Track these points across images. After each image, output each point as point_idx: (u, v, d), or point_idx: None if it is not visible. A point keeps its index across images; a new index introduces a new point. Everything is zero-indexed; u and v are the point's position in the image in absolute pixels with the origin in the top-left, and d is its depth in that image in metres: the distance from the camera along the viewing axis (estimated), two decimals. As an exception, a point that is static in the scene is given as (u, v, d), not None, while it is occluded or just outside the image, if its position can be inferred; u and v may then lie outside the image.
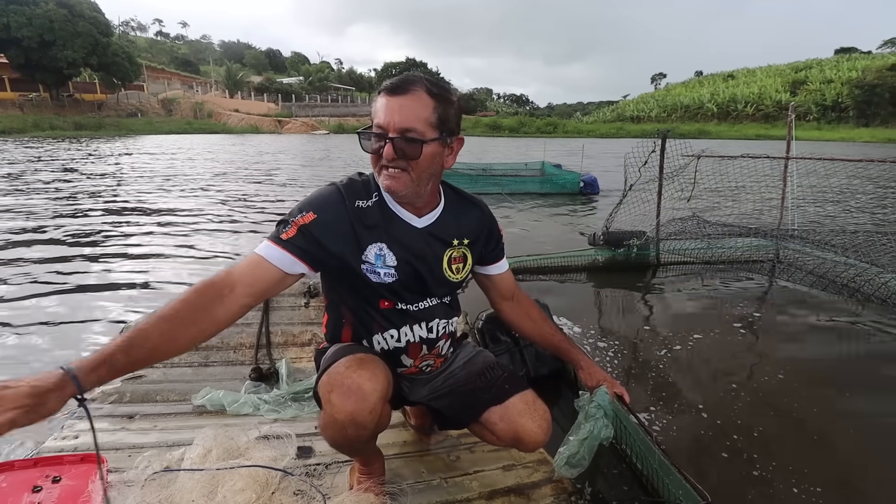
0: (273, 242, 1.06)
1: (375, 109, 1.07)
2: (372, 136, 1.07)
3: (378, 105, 1.06)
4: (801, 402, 2.19)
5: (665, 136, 4.08)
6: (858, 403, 2.23)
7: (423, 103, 1.05)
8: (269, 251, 1.06)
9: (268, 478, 1.34)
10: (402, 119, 1.03)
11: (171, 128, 41.28)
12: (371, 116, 1.10)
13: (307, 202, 1.11)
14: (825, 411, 2.13)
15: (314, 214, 1.08)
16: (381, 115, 1.05)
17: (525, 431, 1.25)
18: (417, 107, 1.04)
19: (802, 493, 1.62)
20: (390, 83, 1.06)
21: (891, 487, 1.70)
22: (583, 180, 9.48)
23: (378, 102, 1.07)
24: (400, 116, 1.03)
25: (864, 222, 5.89)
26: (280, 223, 1.09)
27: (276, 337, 2.32)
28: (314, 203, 1.11)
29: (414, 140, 1.04)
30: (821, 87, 66.73)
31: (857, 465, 1.81)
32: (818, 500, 1.60)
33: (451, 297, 1.32)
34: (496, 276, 1.39)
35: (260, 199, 8.42)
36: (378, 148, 1.06)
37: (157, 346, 0.94)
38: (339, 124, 50.76)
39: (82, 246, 4.94)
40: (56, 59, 36.47)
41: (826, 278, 3.73)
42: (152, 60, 72.37)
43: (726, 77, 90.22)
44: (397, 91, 1.04)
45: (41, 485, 1.31)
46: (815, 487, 1.65)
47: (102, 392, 1.88)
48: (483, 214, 1.31)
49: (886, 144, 38.27)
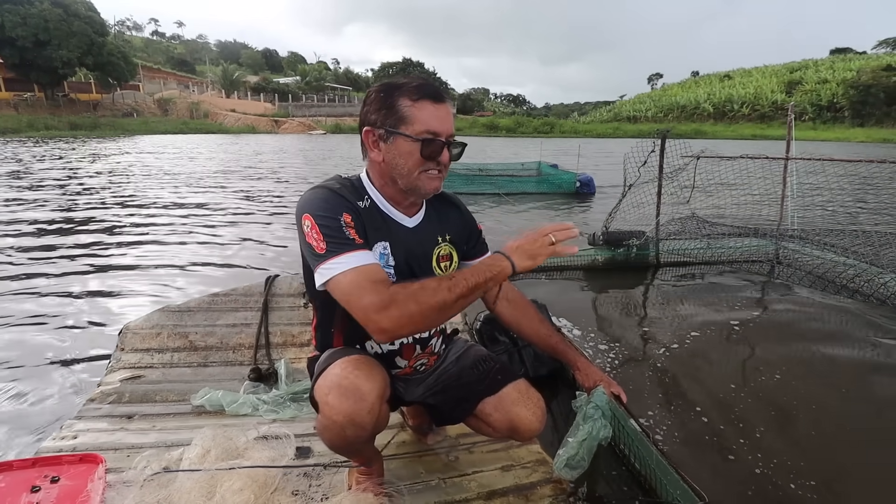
0: (352, 252, 1.05)
1: (419, 116, 1.09)
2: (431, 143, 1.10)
3: (425, 112, 1.09)
4: (799, 403, 2.20)
5: (665, 136, 4.09)
6: (857, 403, 2.24)
7: (450, 109, 1.16)
8: (360, 259, 1.05)
9: (266, 478, 1.34)
10: (451, 126, 1.13)
11: (167, 128, 41.16)
12: (402, 119, 1.09)
13: (320, 206, 1.09)
14: (823, 411, 2.14)
15: (347, 214, 1.09)
16: (434, 123, 1.10)
17: (520, 419, 1.26)
18: (451, 112, 1.15)
19: (800, 492, 1.63)
20: (430, 91, 1.11)
21: (887, 486, 1.71)
22: (579, 180, 9.50)
23: (421, 109, 1.09)
24: (450, 123, 1.13)
25: (863, 221, 5.93)
26: (329, 238, 1.05)
27: (275, 337, 2.32)
28: (328, 204, 1.09)
29: (457, 144, 1.16)
30: (816, 88, 67.12)
31: (854, 464, 1.81)
32: (816, 498, 1.61)
33: None
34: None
35: (266, 194, 8.42)
36: (433, 153, 1.11)
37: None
38: (335, 124, 50.71)
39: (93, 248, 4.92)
40: (51, 58, 36.35)
41: (825, 278, 3.74)
42: (148, 60, 72.14)
43: (723, 77, 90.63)
44: (441, 99, 1.12)
45: (39, 485, 1.31)
46: (813, 486, 1.65)
47: (101, 392, 1.88)
48: (461, 212, 1.36)
49: (882, 144, 38.49)
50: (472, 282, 1.05)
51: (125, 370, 2.06)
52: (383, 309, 0.99)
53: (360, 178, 1.21)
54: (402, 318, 1.00)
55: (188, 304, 2.43)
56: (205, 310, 2.41)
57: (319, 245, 1.05)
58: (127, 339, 2.22)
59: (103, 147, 21.41)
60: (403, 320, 1.01)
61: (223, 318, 2.38)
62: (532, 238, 1.10)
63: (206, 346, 2.23)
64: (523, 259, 1.08)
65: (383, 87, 1.13)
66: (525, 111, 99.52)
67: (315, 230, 1.06)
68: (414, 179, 1.13)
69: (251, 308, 2.44)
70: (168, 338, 2.23)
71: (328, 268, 1.04)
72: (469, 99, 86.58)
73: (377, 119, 1.12)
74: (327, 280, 1.04)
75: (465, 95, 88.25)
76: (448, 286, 1.03)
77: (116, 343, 2.21)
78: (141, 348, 2.19)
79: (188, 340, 2.24)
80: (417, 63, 76.06)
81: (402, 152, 1.11)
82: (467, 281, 1.05)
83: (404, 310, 1.00)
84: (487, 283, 1.07)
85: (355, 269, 1.03)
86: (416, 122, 1.09)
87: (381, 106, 1.11)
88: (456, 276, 1.05)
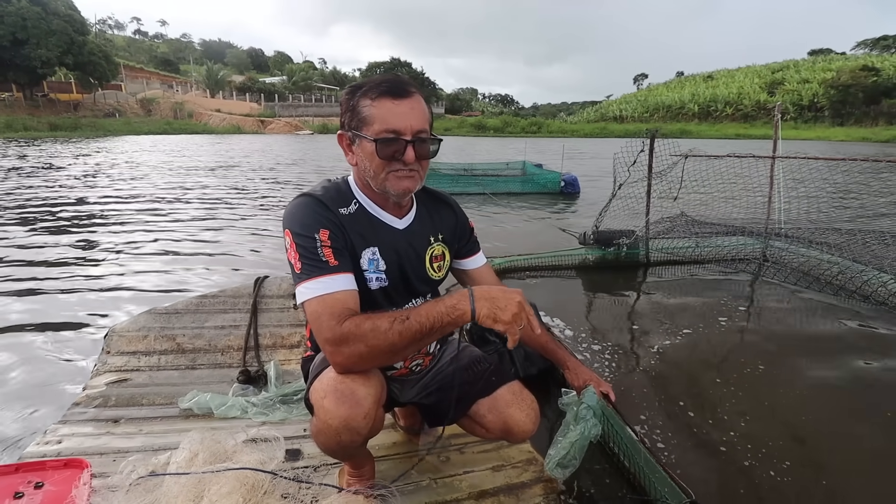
0: (322, 276, 1.03)
1: (378, 115, 1.05)
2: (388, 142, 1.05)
3: (383, 110, 1.05)
4: (785, 399, 2.23)
5: (654, 136, 4.13)
6: (843, 399, 2.28)
7: (423, 105, 1.10)
8: (328, 286, 1.03)
9: (255, 481, 1.32)
10: (416, 122, 1.06)
11: (151, 128, 40.64)
12: (363, 120, 1.07)
13: (299, 222, 1.07)
14: (809, 407, 2.17)
15: (324, 230, 1.07)
16: (392, 121, 1.05)
17: (514, 421, 1.26)
18: (422, 108, 1.09)
19: (786, 488, 1.65)
20: (389, 87, 1.06)
21: (872, 477, 1.74)
22: (563, 180, 9.58)
23: (380, 107, 1.05)
24: (414, 119, 1.06)
25: (848, 219, 6.02)
26: (303, 259, 1.04)
27: (265, 339, 2.30)
28: (307, 220, 1.08)
29: (427, 140, 1.09)
30: (798, 88, 68.30)
31: (838, 458, 1.84)
32: (801, 494, 1.63)
33: (434, 294, 1.33)
34: (474, 270, 1.39)
35: (255, 194, 8.34)
36: (394, 152, 1.06)
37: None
38: (323, 124, 50.48)
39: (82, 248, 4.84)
40: (29, 57, 35.70)
41: (811, 275, 3.81)
42: (130, 59, 71.17)
43: (706, 77, 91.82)
44: (402, 95, 1.06)
45: (23, 491, 1.28)
46: (799, 483, 1.68)
47: (87, 396, 1.85)
48: (454, 210, 1.34)
49: (860, 143, 39.27)
50: (427, 325, 1.00)
51: (111, 373, 2.03)
52: (336, 345, 1.00)
53: (348, 182, 1.19)
54: (353, 356, 1.01)
55: (175, 306, 2.40)
56: (192, 312, 2.38)
57: (297, 264, 1.06)
58: (113, 341, 2.18)
59: (83, 148, 21.04)
60: (354, 359, 1.01)
61: (211, 319, 2.35)
62: (513, 300, 1.02)
63: (193, 348, 2.21)
64: (487, 314, 1.01)
65: (350, 89, 1.12)
66: (513, 111, 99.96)
67: (293, 248, 1.06)
68: (382, 181, 1.10)
69: (240, 310, 2.42)
70: (155, 340, 2.20)
71: (300, 291, 1.04)
72: (458, 99, 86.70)
73: (345, 122, 1.12)
74: (301, 302, 1.05)
75: (453, 95, 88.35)
76: (399, 330, 0.99)
77: (102, 346, 2.18)
78: (127, 351, 2.16)
79: (176, 343, 2.21)
80: (405, 63, 75.84)
81: (366, 154, 1.08)
82: (421, 325, 1.00)
83: (354, 349, 0.99)
84: (445, 327, 1.02)
85: (319, 299, 1.02)
86: (375, 122, 1.05)
87: (347, 108, 1.10)
88: (410, 318, 1.00)
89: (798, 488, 1.65)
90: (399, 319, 1.00)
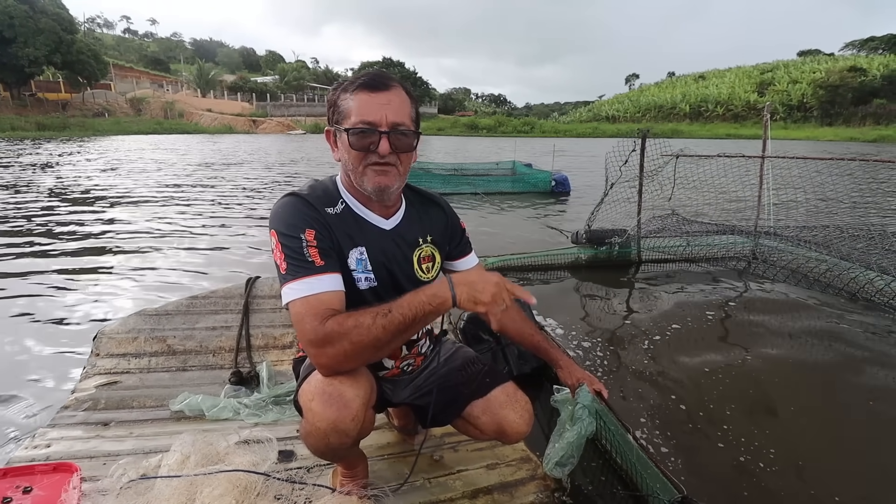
0: (307, 277, 1.02)
1: (354, 107, 1.05)
2: (362, 133, 1.04)
3: (359, 102, 1.05)
4: (775, 394, 2.26)
5: (645, 136, 4.16)
6: (831, 394, 2.31)
7: (403, 99, 1.08)
8: (312, 287, 1.02)
9: (248, 483, 1.31)
10: (392, 114, 1.05)
11: (141, 128, 40.23)
12: (342, 114, 1.07)
13: (284, 222, 1.07)
14: (799, 402, 2.20)
15: (310, 229, 1.06)
16: (367, 112, 1.04)
17: (508, 423, 1.26)
18: (401, 101, 1.07)
19: (775, 483, 1.67)
20: (367, 80, 1.05)
21: (859, 471, 1.76)
22: (554, 179, 9.63)
23: (357, 100, 1.05)
24: (390, 111, 1.05)
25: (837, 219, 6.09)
26: (288, 259, 1.04)
27: (257, 340, 2.28)
28: (292, 220, 1.07)
29: (406, 133, 1.07)
30: (787, 88, 69.01)
31: (827, 452, 1.87)
32: (791, 489, 1.65)
33: None
34: (466, 271, 1.39)
35: (246, 194, 8.29)
36: (369, 144, 1.05)
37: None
38: (315, 124, 50.21)
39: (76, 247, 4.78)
40: (17, 56, 35.24)
41: (799, 273, 3.86)
42: (120, 58, 70.54)
43: (697, 78, 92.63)
44: (379, 87, 1.05)
45: (11, 496, 1.26)
46: (788, 476, 1.70)
47: (76, 399, 1.83)
48: (444, 211, 1.33)
49: (848, 142, 39.73)
50: (410, 316, 0.99)
51: (101, 376, 2.01)
52: (319, 346, 0.99)
53: (335, 181, 1.19)
54: (338, 355, 0.99)
55: (166, 308, 2.38)
56: (183, 313, 2.36)
57: (282, 265, 1.05)
58: (102, 343, 2.16)
59: (71, 147, 20.82)
60: (339, 358, 1.00)
61: (202, 321, 2.33)
62: (490, 281, 1.03)
63: (184, 349, 2.19)
64: (468, 298, 1.01)
65: (335, 86, 1.12)
66: (506, 111, 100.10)
67: (278, 248, 1.06)
68: (360, 175, 1.09)
69: (231, 310, 2.40)
70: (145, 342, 2.18)
71: (285, 292, 1.03)
72: (451, 99, 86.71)
73: (330, 118, 1.12)
74: (286, 303, 1.04)
75: (446, 95, 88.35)
76: (383, 324, 0.98)
77: (91, 348, 2.15)
78: (117, 353, 2.13)
79: (166, 344, 2.19)
80: (398, 62, 75.69)
81: (344, 146, 1.08)
82: (404, 317, 0.99)
83: (339, 348, 0.98)
84: (427, 316, 1.01)
85: (303, 300, 1.01)
86: (351, 115, 1.05)
87: (331, 104, 1.11)
88: (393, 311, 0.99)
89: (788, 482, 1.67)
90: (381, 313, 0.99)
